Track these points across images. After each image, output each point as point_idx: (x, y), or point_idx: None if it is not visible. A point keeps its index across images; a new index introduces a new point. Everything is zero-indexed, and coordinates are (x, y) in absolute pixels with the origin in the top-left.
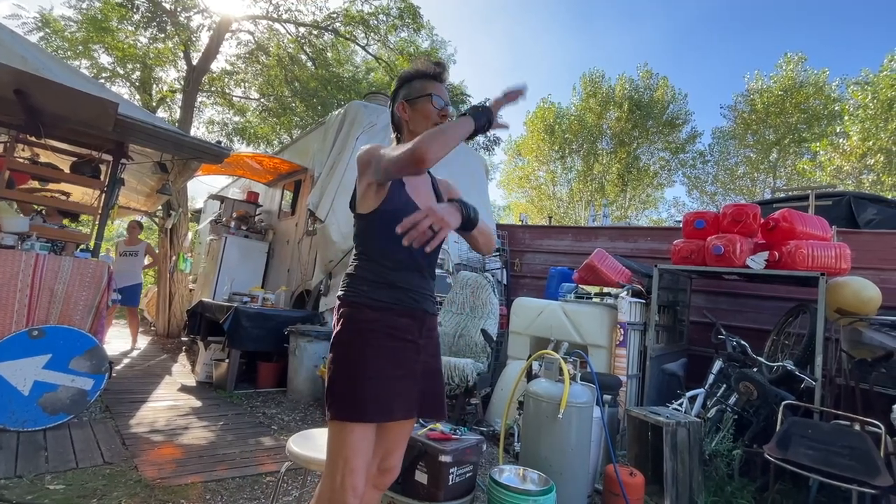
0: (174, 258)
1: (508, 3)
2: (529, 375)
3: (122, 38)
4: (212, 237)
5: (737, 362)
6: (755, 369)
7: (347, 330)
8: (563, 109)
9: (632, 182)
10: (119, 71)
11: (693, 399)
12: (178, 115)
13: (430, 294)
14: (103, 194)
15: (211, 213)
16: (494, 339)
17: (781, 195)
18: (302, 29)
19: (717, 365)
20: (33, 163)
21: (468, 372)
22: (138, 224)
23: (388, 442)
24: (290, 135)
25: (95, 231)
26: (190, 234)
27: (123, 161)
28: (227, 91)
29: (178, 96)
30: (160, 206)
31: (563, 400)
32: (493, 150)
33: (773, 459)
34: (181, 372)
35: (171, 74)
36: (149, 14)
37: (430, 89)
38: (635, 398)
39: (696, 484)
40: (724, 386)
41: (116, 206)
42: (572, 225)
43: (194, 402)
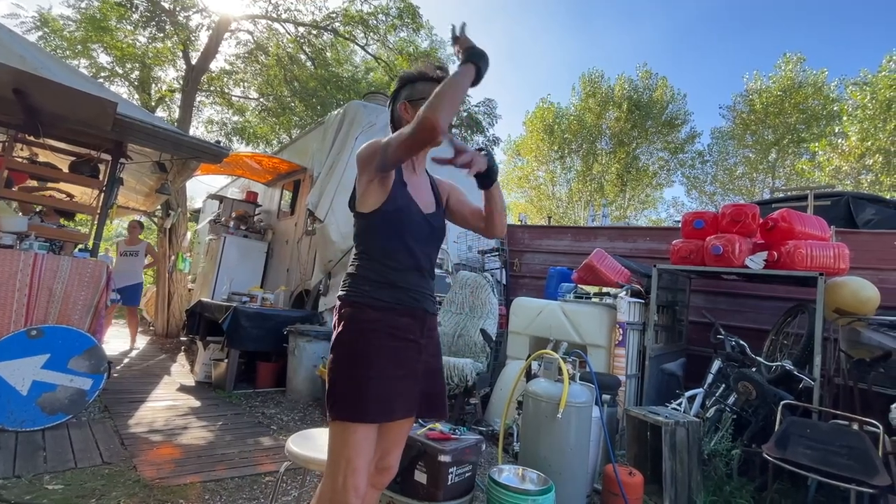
0: (173, 258)
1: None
2: (529, 375)
3: (120, 37)
4: (211, 237)
5: (736, 362)
6: (754, 369)
7: (349, 330)
8: (563, 109)
9: (631, 182)
10: (118, 70)
11: (692, 399)
12: (177, 115)
13: (431, 294)
14: (102, 194)
15: (210, 213)
16: (494, 338)
17: (780, 195)
18: (301, 28)
19: (716, 365)
20: (32, 162)
21: (467, 372)
22: (139, 224)
23: (387, 441)
24: (289, 134)
25: (94, 230)
26: (189, 234)
27: (122, 160)
28: (227, 91)
29: (177, 96)
30: (159, 206)
31: (563, 400)
32: (493, 150)
33: (771, 459)
34: (180, 372)
35: (169, 74)
36: (148, 13)
37: (431, 92)
38: (634, 398)
39: (695, 483)
40: (723, 386)
41: (115, 205)
42: (571, 225)
43: (193, 402)
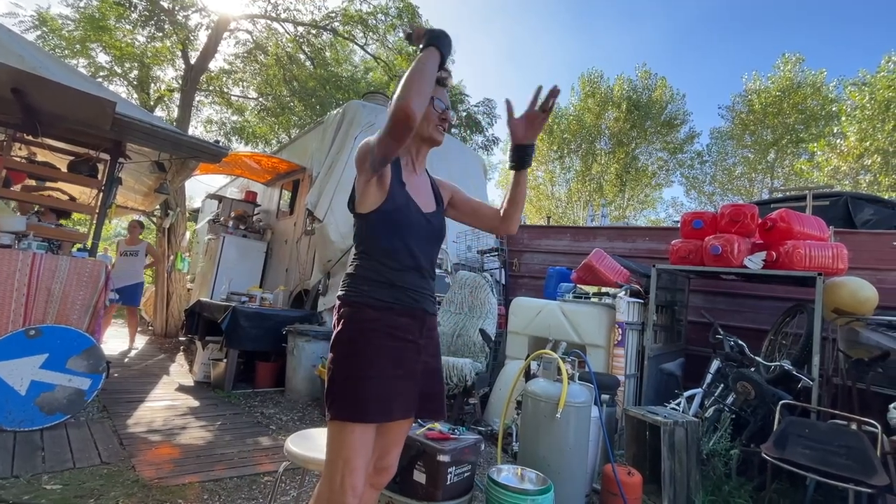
0: (172, 257)
1: (507, 3)
2: (528, 375)
3: (119, 36)
4: (210, 237)
5: (734, 362)
6: (753, 369)
7: (348, 329)
8: (562, 109)
9: (630, 182)
10: (117, 70)
11: (691, 399)
12: (175, 115)
13: (430, 294)
14: (101, 193)
15: (209, 213)
16: (493, 338)
17: (779, 195)
18: (300, 28)
19: (715, 365)
20: (30, 162)
21: (466, 371)
22: (139, 223)
23: (386, 441)
24: (288, 134)
25: (93, 230)
26: (188, 234)
27: (121, 160)
28: (226, 90)
29: (176, 95)
30: (158, 206)
31: (562, 399)
32: (492, 149)
33: (770, 459)
34: (179, 372)
35: (168, 73)
36: (147, 13)
37: (431, 93)
38: (633, 398)
39: (694, 483)
40: (722, 385)
41: (114, 205)
42: (571, 225)
43: (192, 402)
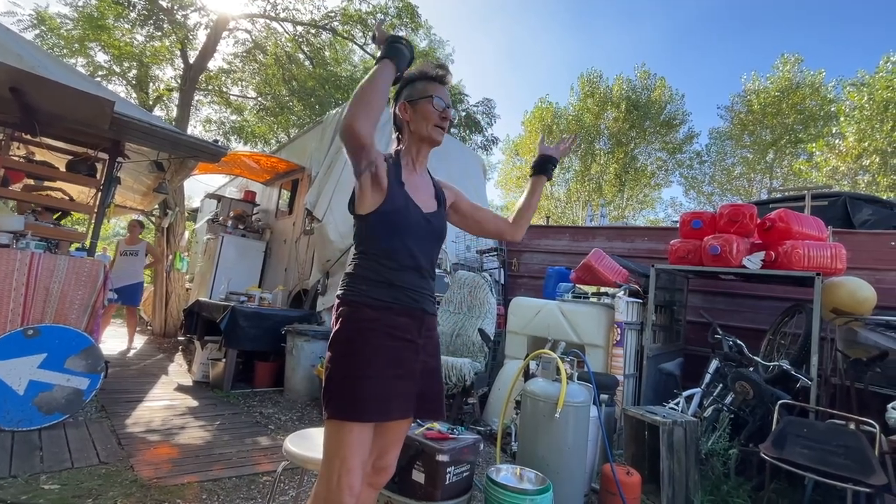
0: (171, 257)
1: (507, 2)
2: (527, 375)
3: (118, 35)
4: (209, 236)
5: (733, 362)
6: (751, 369)
7: (346, 329)
8: (561, 109)
9: (629, 182)
10: (115, 69)
11: (689, 398)
12: (174, 114)
13: (430, 294)
14: (99, 193)
15: (208, 212)
16: (492, 338)
17: (778, 195)
18: (300, 28)
19: (714, 364)
20: (29, 161)
21: (465, 371)
22: (139, 223)
23: (385, 441)
24: (287, 134)
25: (91, 229)
26: (187, 233)
27: (120, 159)
28: (225, 90)
29: (175, 95)
30: (157, 205)
31: (561, 399)
32: (491, 149)
33: (768, 458)
34: (177, 371)
35: (167, 73)
36: (145, 12)
37: (431, 91)
38: (632, 397)
39: (693, 483)
40: (721, 385)
41: (112, 204)
42: (570, 225)
43: (191, 402)
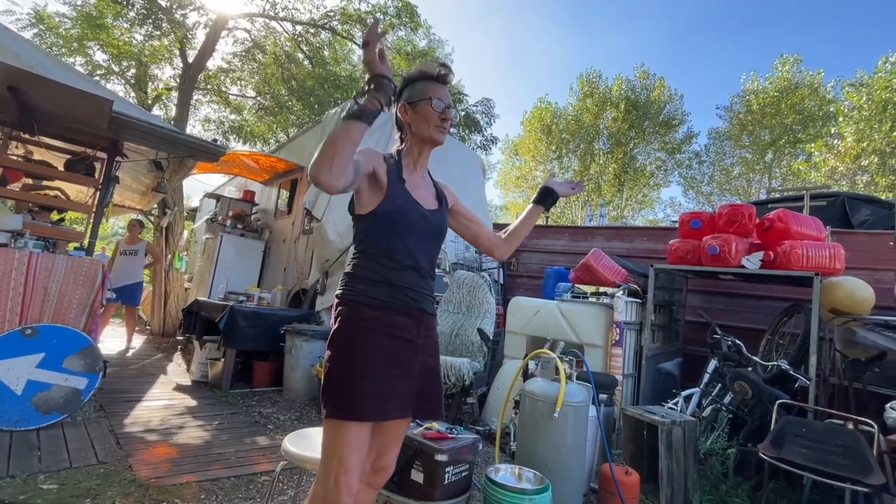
0: (170, 257)
1: (506, 2)
2: (526, 375)
3: (117, 35)
4: (208, 236)
5: (732, 362)
6: (750, 369)
7: (345, 328)
8: (560, 109)
9: (628, 182)
10: (114, 68)
11: (688, 398)
12: (173, 113)
13: (429, 294)
14: (98, 192)
15: (207, 212)
16: (491, 338)
17: (776, 195)
18: (299, 27)
19: (713, 364)
20: (27, 160)
21: (464, 371)
22: (139, 223)
23: (383, 440)
24: (286, 133)
25: (90, 229)
26: (186, 233)
27: (118, 159)
28: (224, 89)
29: (174, 94)
30: (155, 205)
31: (560, 399)
32: (491, 149)
33: (767, 458)
34: (176, 371)
35: (166, 72)
36: (144, 11)
37: (430, 92)
38: (631, 397)
39: (691, 482)
40: (720, 385)
41: (111, 203)
42: (569, 225)
43: (189, 402)
